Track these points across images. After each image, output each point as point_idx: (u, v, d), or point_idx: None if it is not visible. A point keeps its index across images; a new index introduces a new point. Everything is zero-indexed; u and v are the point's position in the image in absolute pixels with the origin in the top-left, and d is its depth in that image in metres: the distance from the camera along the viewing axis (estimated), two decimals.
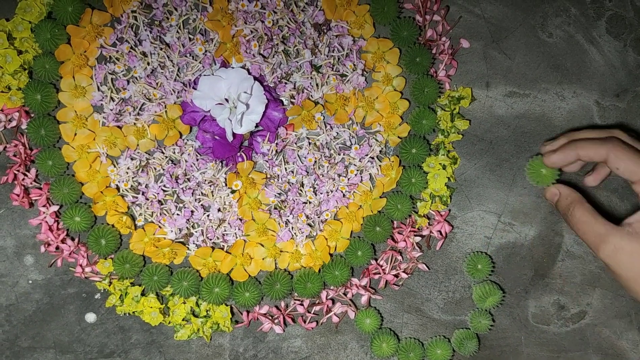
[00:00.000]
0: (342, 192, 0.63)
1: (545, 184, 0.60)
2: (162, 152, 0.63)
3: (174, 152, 0.63)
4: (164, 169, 0.62)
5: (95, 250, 0.62)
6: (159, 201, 0.63)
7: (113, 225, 0.63)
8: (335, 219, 0.64)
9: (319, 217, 0.64)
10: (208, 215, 0.63)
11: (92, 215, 0.63)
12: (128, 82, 0.62)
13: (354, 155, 0.63)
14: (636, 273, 0.51)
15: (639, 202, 0.55)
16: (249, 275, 0.64)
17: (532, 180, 0.61)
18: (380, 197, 0.64)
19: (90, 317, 0.65)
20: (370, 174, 0.64)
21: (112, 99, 0.62)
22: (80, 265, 0.63)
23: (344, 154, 0.63)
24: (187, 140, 0.63)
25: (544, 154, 0.59)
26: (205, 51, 0.62)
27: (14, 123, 0.62)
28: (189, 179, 0.63)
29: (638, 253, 0.51)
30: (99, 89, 0.62)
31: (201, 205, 0.63)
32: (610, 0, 0.66)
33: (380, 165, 0.64)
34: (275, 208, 0.63)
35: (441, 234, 0.65)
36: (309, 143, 0.63)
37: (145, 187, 0.63)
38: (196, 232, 0.63)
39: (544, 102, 0.66)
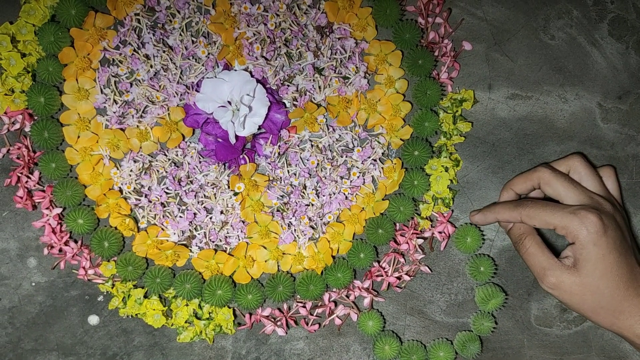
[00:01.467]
0: (344, 194, 0.63)
1: (470, 252, 0.66)
2: (165, 155, 0.63)
3: (177, 155, 0.63)
4: (166, 172, 0.63)
5: (98, 252, 0.62)
6: (162, 204, 0.63)
7: (116, 228, 0.63)
8: (338, 221, 0.64)
9: (321, 220, 0.64)
10: (211, 218, 0.63)
11: (95, 218, 0.63)
12: (131, 84, 0.62)
13: (357, 157, 0.63)
14: (576, 302, 0.57)
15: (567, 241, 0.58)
16: (252, 278, 0.64)
17: (459, 248, 0.66)
18: (383, 199, 0.64)
19: (93, 320, 0.65)
20: (372, 176, 0.64)
21: (115, 101, 0.62)
22: (83, 268, 0.63)
23: (346, 157, 0.64)
24: (190, 142, 0.64)
25: (470, 213, 0.65)
26: (208, 54, 0.62)
27: (17, 126, 0.63)
28: (191, 182, 0.63)
29: (575, 284, 0.57)
30: (102, 92, 0.62)
31: (204, 207, 0.63)
32: (613, 2, 0.66)
33: (382, 168, 0.64)
34: (277, 210, 0.63)
35: (444, 234, 0.65)
36: (312, 145, 0.63)
37: (148, 189, 0.63)
38: (199, 234, 0.63)
39: (546, 104, 0.66)
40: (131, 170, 0.62)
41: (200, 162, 0.63)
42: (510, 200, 0.62)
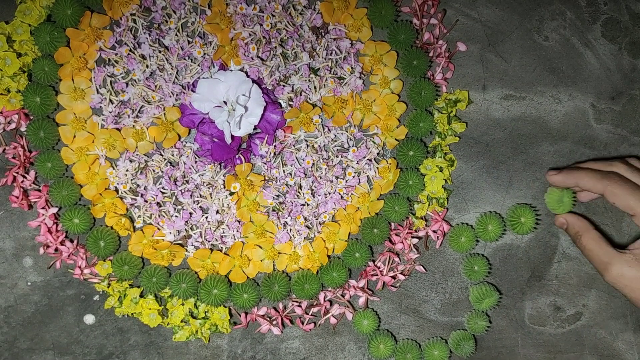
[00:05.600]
0: (339, 194, 0.64)
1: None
2: (161, 155, 0.63)
3: (173, 155, 0.63)
4: (162, 171, 0.63)
5: (94, 252, 0.63)
6: (158, 203, 0.63)
7: (112, 227, 0.63)
8: (333, 221, 0.64)
9: (317, 219, 0.64)
10: (206, 217, 0.63)
11: (91, 217, 0.63)
12: (127, 84, 0.62)
13: (352, 157, 0.64)
14: (637, 296, 0.57)
15: None
16: (247, 277, 0.64)
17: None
18: (378, 199, 0.65)
19: (89, 319, 0.65)
20: (367, 176, 0.64)
21: (111, 101, 0.62)
22: (79, 267, 0.63)
23: (341, 156, 0.64)
24: (186, 142, 0.64)
25: (548, 172, 0.63)
26: (204, 54, 0.62)
27: (13, 125, 0.63)
28: (187, 181, 0.63)
29: (638, 278, 0.56)
30: (98, 92, 0.62)
31: (200, 207, 0.63)
32: (606, 4, 0.67)
33: (377, 168, 0.64)
34: (273, 210, 0.64)
35: (439, 232, 0.65)
36: (307, 145, 0.63)
37: (144, 189, 0.63)
38: (195, 234, 0.63)
39: (540, 104, 0.67)
40: (127, 170, 0.63)
41: (196, 161, 0.63)
42: (596, 169, 0.61)
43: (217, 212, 0.63)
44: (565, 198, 0.63)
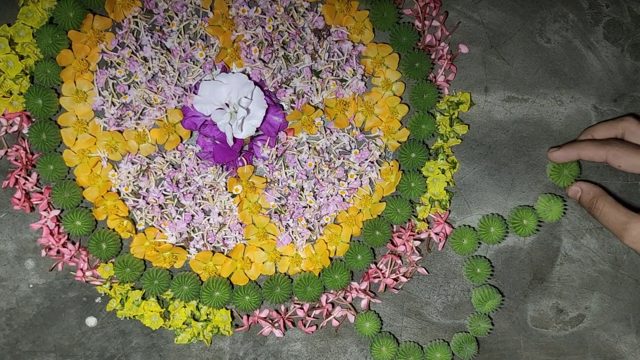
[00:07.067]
0: (341, 196, 0.64)
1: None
2: (163, 157, 0.63)
3: (175, 157, 0.63)
4: (164, 174, 0.63)
5: (96, 254, 0.63)
6: (160, 205, 0.63)
7: (114, 230, 0.63)
8: (335, 223, 0.64)
9: (319, 221, 0.64)
10: (208, 220, 0.63)
11: (92, 220, 0.63)
12: (129, 86, 0.62)
13: (354, 159, 0.64)
14: None
15: None
16: (249, 279, 0.64)
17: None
18: (380, 201, 0.65)
19: (91, 321, 0.65)
20: (369, 178, 0.64)
21: (113, 103, 0.62)
22: (81, 269, 0.63)
23: (343, 159, 0.64)
24: (188, 144, 0.64)
25: (549, 150, 0.63)
26: (206, 56, 0.62)
27: (15, 128, 0.63)
28: (189, 183, 0.63)
29: None
30: (100, 94, 0.62)
31: (202, 209, 0.63)
32: (608, 6, 0.67)
33: (379, 170, 0.64)
34: (275, 212, 0.64)
35: (442, 234, 0.65)
36: (309, 147, 0.63)
37: (146, 191, 0.63)
38: (196, 236, 0.63)
39: (542, 107, 0.67)
40: (129, 172, 0.63)
41: (198, 164, 0.63)
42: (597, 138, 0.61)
43: (219, 214, 0.63)
44: (555, 206, 0.64)
